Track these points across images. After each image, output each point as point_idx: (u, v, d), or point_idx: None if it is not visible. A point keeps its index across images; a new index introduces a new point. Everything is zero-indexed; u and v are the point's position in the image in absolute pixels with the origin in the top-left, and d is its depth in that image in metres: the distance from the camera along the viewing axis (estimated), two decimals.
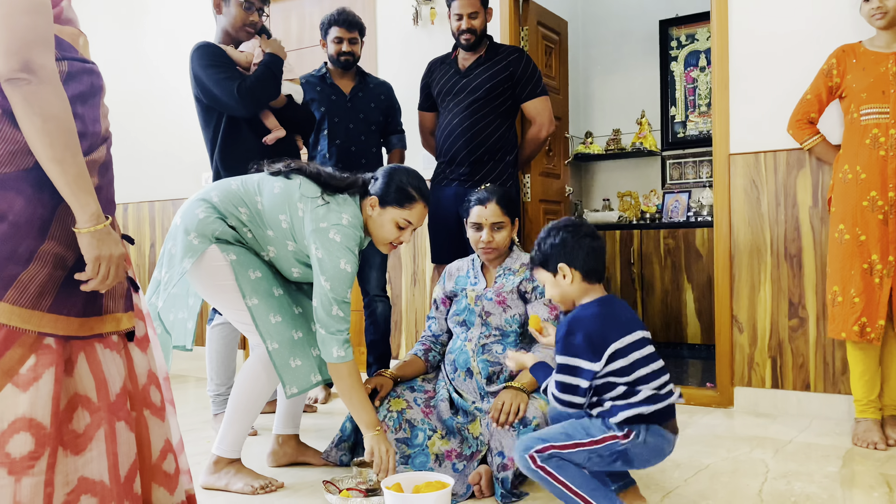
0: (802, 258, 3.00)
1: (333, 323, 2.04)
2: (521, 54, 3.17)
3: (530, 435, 1.79)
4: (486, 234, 2.38)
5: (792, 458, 2.41)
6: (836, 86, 2.67)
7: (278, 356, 2.07)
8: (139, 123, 5.05)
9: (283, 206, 2.11)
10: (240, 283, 2.08)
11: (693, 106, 5.27)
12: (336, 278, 2.03)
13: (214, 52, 2.81)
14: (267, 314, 2.08)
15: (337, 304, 2.04)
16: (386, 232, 2.16)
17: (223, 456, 2.16)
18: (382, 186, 2.14)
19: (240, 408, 2.16)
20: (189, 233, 2.08)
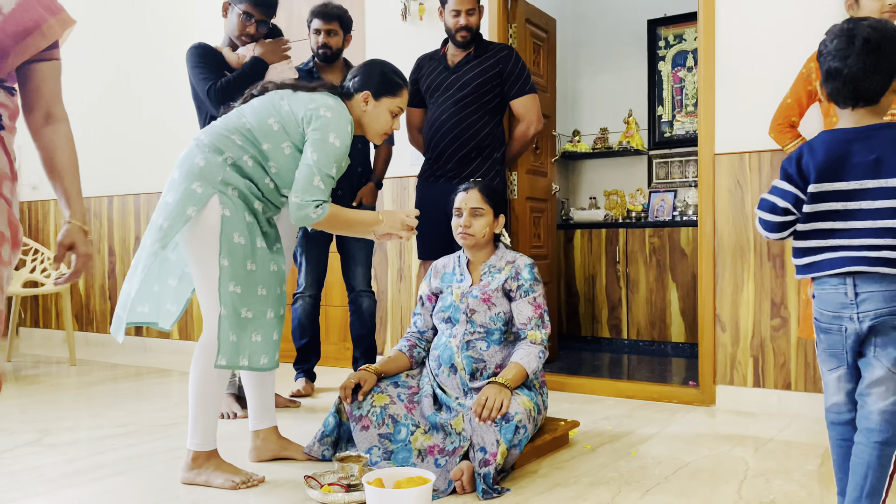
0: (785, 258, 3.02)
1: (311, 192, 2.05)
2: (511, 52, 3.17)
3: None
4: (465, 218, 2.40)
5: (772, 456, 2.43)
6: (815, 90, 2.68)
7: (224, 322, 2.02)
8: (125, 117, 5.02)
9: (267, 111, 2.13)
10: (222, 238, 2.04)
11: (680, 106, 5.30)
12: (323, 150, 2.07)
13: (203, 52, 2.92)
14: (229, 280, 2.04)
15: (320, 174, 2.06)
16: (382, 122, 2.26)
17: (198, 450, 2.13)
18: (371, 80, 2.23)
19: (196, 394, 2.10)
20: (192, 182, 2.05)
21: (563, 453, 2.45)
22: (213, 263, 2.04)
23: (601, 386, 3.47)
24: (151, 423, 2.91)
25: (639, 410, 3.12)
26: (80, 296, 5.29)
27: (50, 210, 5.44)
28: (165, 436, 2.71)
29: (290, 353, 3.90)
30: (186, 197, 2.03)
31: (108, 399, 3.40)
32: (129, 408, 3.20)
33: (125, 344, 5.03)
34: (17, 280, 4.51)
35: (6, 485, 2.16)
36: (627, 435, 2.70)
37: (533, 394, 2.30)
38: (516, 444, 2.10)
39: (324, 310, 4.18)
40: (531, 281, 2.40)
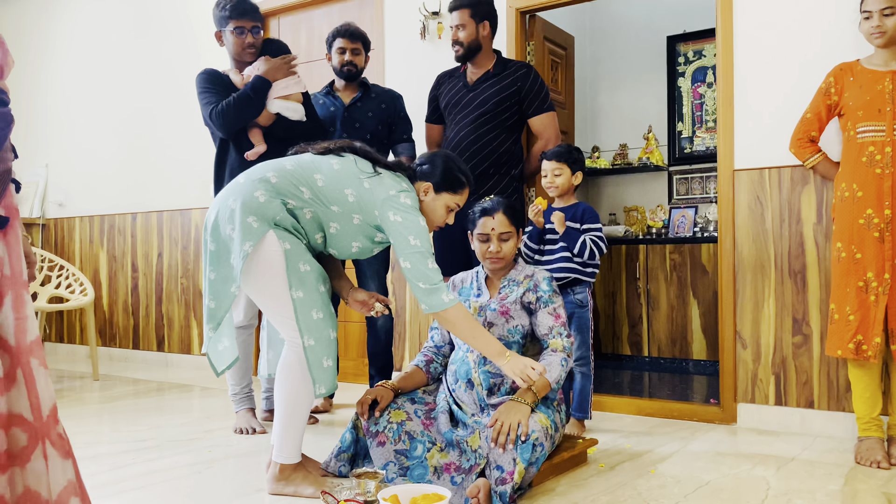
0: (806, 275, 2.99)
1: (433, 275, 2.10)
2: (529, 70, 3.19)
3: None
4: (495, 245, 2.40)
5: (794, 475, 2.39)
6: (835, 104, 2.67)
7: (313, 353, 2.09)
8: (149, 134, 5.10)
9: (347, 180, 2.15)
10: (289, 272, 2.07)
11: (700, 122, 5.28)
12: (421, 235, 2.11)
13: (208, 77, 2.98)
14: (310, 309, 2.09)
15: (430, 257, 2.11)
16: (438, 216, 2.28)
17: (285, 463, 2.17)
18: (434, 172, 2.25)
19: (286, 410, 2.15)
20: (248, 216, 2.06)
21: (582, 471, 2.43)
22: (283, 297, 2.08)
23: (620, 404, 3.44)
24: (172, 438, 2.93)
25: (659, 428, 3.09)
26: (103, 312, 5.36)
27: (75, 227, 5.53)
28: (186, 451, 2.73)
29: None
30: (244, 232, 2.06)
31: (130, 414, 3.44)
32: (150, 423, 3.23)
33: (147, 359, 5.08)
34: (42, 296, 4.58)
35: None
36: (647, 453, 2.67)
37: (550, 411, 2.29)
38: (533, 462, 2.08)
39: (342, 326, 4.20)
40: (550, 292, 2.40)
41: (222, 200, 2.15)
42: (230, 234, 2.09)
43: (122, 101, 5.26)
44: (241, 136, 2.98)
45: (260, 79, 2.92)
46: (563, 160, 2.92)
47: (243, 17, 2.97)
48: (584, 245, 2.85)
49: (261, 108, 2.94)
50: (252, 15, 2.99)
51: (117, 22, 5.32)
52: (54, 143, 5.68)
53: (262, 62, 2.98)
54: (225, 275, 2.11)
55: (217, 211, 2.15)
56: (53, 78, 5.71)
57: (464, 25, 3.14)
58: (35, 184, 5.73)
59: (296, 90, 3.02)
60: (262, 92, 2.92)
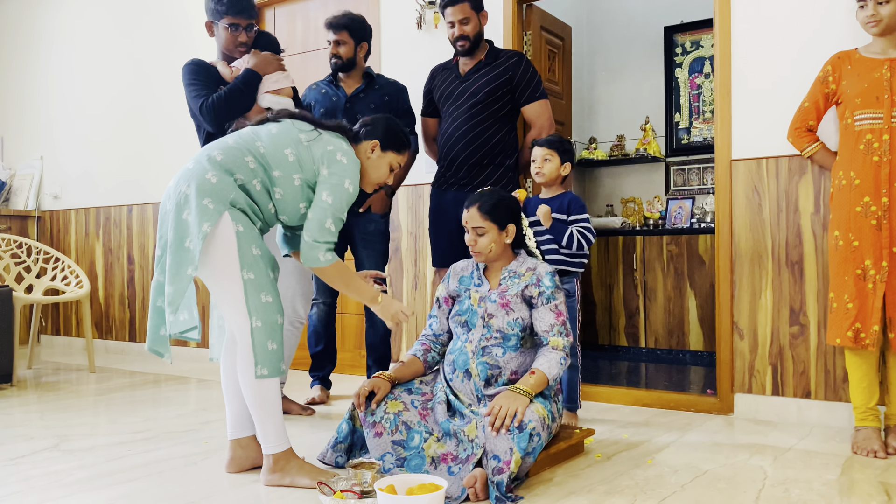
0: (804, 265, 2.98)
1: (323, 234, 2.15)
2: (521, 58, 3.17)
3: None
4: (469, 236, 2.42)
5: (791, 465, 2.39)
6: (833, 92, 2.66)
7: (259, 334, 2.09)
8: (145, 125, 5.08)
9: (285, 140, 2.20)
10: (241, 254, 2.09)
11: (697, 112, 5.27)
12: (338, 195, 2.16)
13: (197, 69, 2.92)
14: (259, 292, 2.10)
15: (332, 218, 2.16)
16: (381, 173, 2.35)
17: (275, 452, 2.16)
18: (381, 132, 2.32)
19: (256, 400, 2.14)
20: (203, 198, 2.07)
21: (579, 461, 2.43)
22: (234, 278, 2.09)
23: (618, 394, 3.44)
24: (168, 429, 2.93)
25: (656, 419, 3.09)
26: (99, 304, 5.34)
27: (71, 219, 5.51)
28: (182, 442, 2.72)
29: (306, 360, 3.91)
30: (200, 213, 2.06)
31: (126, 406, 3.43)
32: (146, 414, 3.22)
33: (143, 352, 5.07)
34: (37, 288, 4.57)
35: (23, 490, 2.18)
36: (644, 443, 2.67)
37: (547, 402, 2.28)
38: (530, 452, 2.08)
39: (339, 317, 4.19)
40: (552, 288, 2.38)
41: (175, 187, 2.14)
42: (186, 217, 2.08)
43: (117, 92, 5.23)
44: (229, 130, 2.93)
45: (251, 72, 2.88)
46: (555, 148, 2.91)
47: (240, 15, 2.92)
48: (572, 237, 2.85)
49: (252, 103, 2.90)
50: (249, 12, 2.94)
51: (112, 14, 5.29)
52: (49, 136, 5.65)
53: (252, 56, 2.93)
54: (180, 259, 2.08)
55: (172, 198, 2.13)
56: (49, 70, 5.68)
57: (468, 19, 3.12)
58: (30, 176, 5.70)
59: (286, 84, 2.98)
60: (254, 85, 2.88)
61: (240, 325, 2.11)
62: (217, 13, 2.94)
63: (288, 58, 4.51)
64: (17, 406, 3.44)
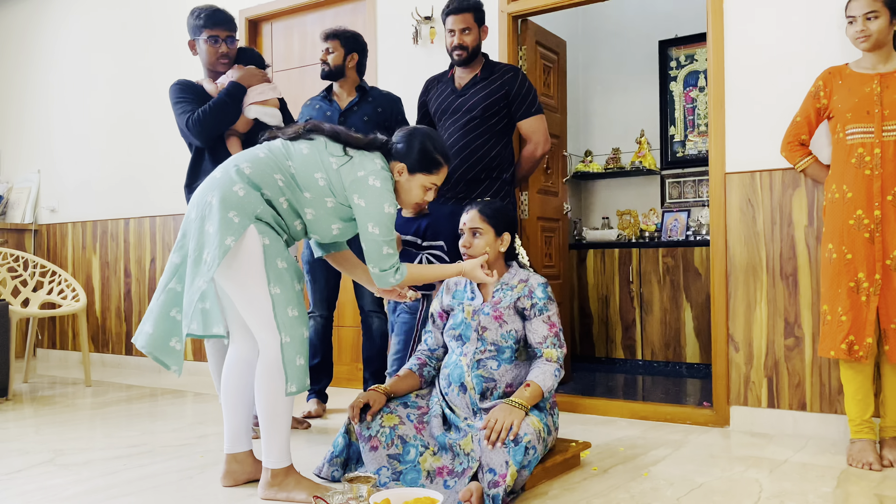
0: (798, 277, 3.00)
1: (387, 261, 2.16)
2: (517, 73, 3.20)
3: None
4: (465, 238, 2.43)
5: (786, 477, 2.40)
6: (824, 107, 2.69)
7: (288, 350, 2.08)
8: (142, 139, 5.10)
9: (316, 164, 2.16)
10: (267, 268, 2.07)
11: (692, 125, 5.30)
12: (382, 222, 2.14)
13: (181, 88, 2.95)
14: (286, 306, 2.09)
15: (387, 244, 2.15)
16: (413, 196, 2.30)
17: (276, 468, 2.16)
18: (407, 153, 2.25)
19: (268, 413, 2.13)
20: (228, 210, 2.05)
21: (575, 474, 2.43)
22: (262, 293, 2.07)
23: (614, 407, 3.44)
24: (164, 443, 2.92)
25: (652, 431, 3.09)
26: (96, 317, 5.34)
27: (68, 232, 5.51)
28: (177, 456, 2.71)
29: None
30: (225, 227, 2.03)
31: (122, 419, 3.42)
32: (142, 428, 3.21)
33: (140, 365, 5.06)
34: (34, 301, 4.56)
35: None
36: (640, 456, 2.67)
37: (543, 414, 2.29)
38: (526, 465, 2.08)
39: (336, 330, 4.19)
40: (545, 300, 2.39)
41: (201, 196, 2.13)
42: (208, 229, 2.06)
43: (114, 106, 5.25)
44: (219, 144, 2.93)
45: (235, 84, 2.91)
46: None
47: (217, 27, 2.94)
48: (421, 262, 2.80)
49: (237, 114, 2.92)
50: (226, 24, 2.96)
51: (108, 28, 5.31)
52: (47, 149, 5.66)
53: (235, 69, 2.96)
54: (195, 271, 2.06)
55: (197, 206, 2.13)
56: (45, 84, 5.70)
57: (469, 29, 3.14)
58: (27, 189, 5.71)
59: (272, 95, 3.00)
60: (238, 97, 2.90)
61: (267, 342, 2.09)
62: (196, 29, 2.97)
63: (285, 72, 4.55)
64: (13, 420, 3.43)
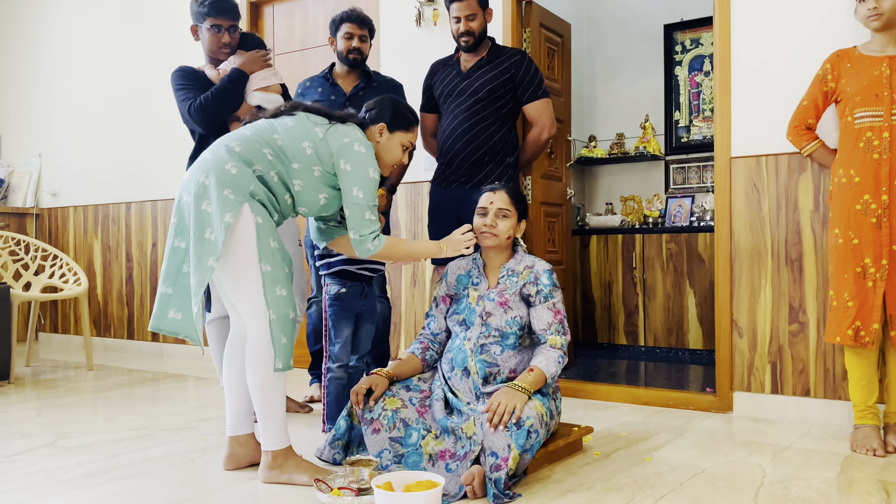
0: (803, 262, 2.98)
1: (368, 226, 2.22)
2: (523, 56, 3.16)
3: None
4: (490, 218, 2.41)
5: (790, 463, 2.39)
6: (832, 90, 2.65)
7: (276, 327, 2.09)
8: (143, 123, 5.07)
9: (302, 134, 2.22)
10: (259, 245, 2.09)
11: (697, 110, 5.26)
12: (367, 186, 2.21)
13: (182, 74, 2.93)
14: (275, 284, 2.11)
15: (369, 209, 2.21)
16: (394, 154, 2.38)
17: (275, 449, 2.16)
18: (387, 114, 2.37)
19: (262, 395, 2.14)
20: (223, 188, 2.08)
21: (577, 459, 2.43)
22: (253, 269, 2.09)
23: (617, 392, 3.44)
24: (166, 426, 2.92)
25: (655, 417, 3.08)
26: (98, 301, 5.33)
27: (69, 216, 5.50)
28: (179, 439, 2.71)
29: (305, 359, 3.91)
30: (222, 204, 2.06)
31: (124, 403, 3.42)
32: (144, 412, 3.21)
33: (142, 349, 5.06)
34: (36, 285, 4.56)
35: (20, 486, 2.17)
36: (642, 441, 2.66)
37: (546, 399, 2.28)
38: (528, 449, 2.07)
39: None
40: (550, 286, 2.38)
41: (192, 177, 2.14)
42: (206, 208, 2.08)
43: (116, 90, 5.22)
44: (221, 130, 2.89)
45: (237, 71, 2.88)
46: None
47: (221, 15, 2.91)
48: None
49: (240, 101, 2.90)
50: (230, 13, 2.93)
51: (111, 11, 5.28)
52: (48, 133, 5.64)
53: (237, 56, 2.93)
54: (201, 250, 2.07)
55: (190, 189, 2.12)
56: (47, 67, 5.66)
57: (474, 15, 3.10)
58: (29, 174, 5.69)
59: (274, 82, 2.98)
60: (240, 84, 2.88)
61: (255, 319, 2.10)
62: (200, 16, 2.94)
63: (286, 55, 4.51)
64: (15, 403, 3.43)
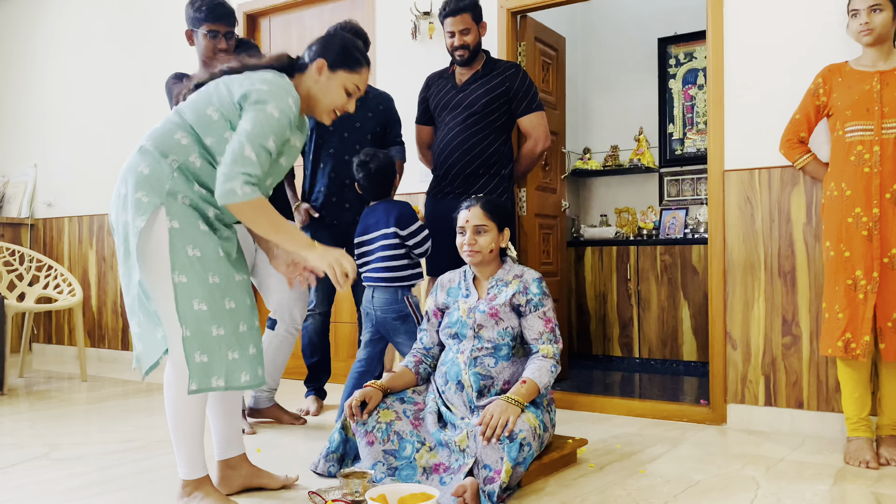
0: (796, 275, 2.99)
1: (241, 163, 1.82)
2: (518, 70, 3.19)
3: None
4: (469, 236, 2.40)
5: (783, 475, 2.39)
6: (823, 105, 2.68)
7: (189, 345, 1.84)
8: (138, 133, 5.07)
9: (204, 100, 1.95)
10: (172, 253, 1.84)
11: (691, 123, 5.29)
12: (258, 120, 1.86)
13: (177, 81, 2.91)
14: (191, 298, 1.85)
15: (252, 144, 1.83)
16: (334, 96, 2.04)
17: (187, 479, 1.98)
18: (327, 49, 2.03)
19: (177, 423, 1.95)
20: (137, 191, 1.87)
21: (571, 471, 2.43)
22: (166, 280, 1.85)
23: (611, 404, 3.44)
24: (159, 438, 2.91)
25: (649, 429, 3.08)
26: (92, 312, 5.32)
27: (64, 227, 5.49)
28: (172, 451, 2.70)
29: (301, 371, 3.90)
30: (136, 209, 1.86)
31: (118, 414, 3.41)
32: (137, 423, 3.20)
33: None
34: (30, 296, 4.55)
35: (12, 499, 2.16)
36: (636, 453, 2.67)
37: (539, 411, 2.28)
38: (521, 461, 2.08)
39: (333, 326, 4.18)
40: (540, 295, 2.39)
41: (116, 190, 1.96)
42: (126, 218, 1.89)
43: (111, 100, 5.23)
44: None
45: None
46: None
47: (219, 22, 2.88)
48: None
49: None
50: (227, 20, 2.91)
51: (107, 21, 5.29)
52: (43, 143, 5.64)
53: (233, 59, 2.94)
54: (127, 266, 1.91)
55: (114, 204, 1.95)
56: (43, 77, 5.67)
57: (469, 29, 3.12)
58: (24, 184, 5.69)
59: None
60: None
61: (171, 335, 1.87)
62: (196, 21, 2.91)
63: None
64: (8, 414, 3.42)
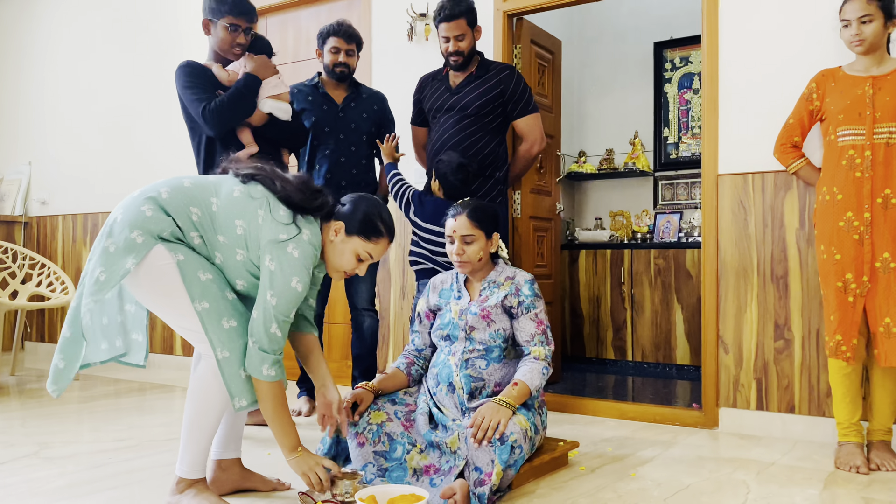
0: (789, 280, 3.00)
1: (269, 341, 1.89)
2: (512, 72, 3.19)
3: None
4: (457, 246, 2.40)
5: (774, 479, 2.40)
6: (817, 109, 2.69)
7: (228, 365, 1.89)
8: (134, 132, 5.07)
9: (241, 210, 1.94)
10: (187, 284, 1.86)
11: (686, 128, 5.30)
12: (284, 296, 1.90)
13: (193, 71, 2.86)
14: (219, 319, 1.89)
15: (278, 322, 1.90)
16: (344, 261, 2.04)
17: (184, 477, 2.00)
18: (350, 213, 2.03)
19: (194, 424, 1.97)
20: (133, 230, 1.85)
21: (562, 474, 2.43)
22: (186, 311, 1.89)
23: (603, 407, 3.44)
24: (150, 438, 2.90)
25: (640, 432, 3.09)
26: None
27: (58, 225, 5.48)
28: (163, 451, 2.70)
29: (294, 371, 3.90)
30: (126, 247, 1.84)
31: (110, 414, 3.40)
32: (129, 422, 3.20)
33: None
34: (23, 294, 4.53)
35: (2, 496, 2.16)
36: (628, 457, 2.67)
37: (531, 413, 2.28)
38: (511, 464, 2.08)
39: (326, 327, 4.18)
40: (532, 297, 2.39)
41: (114, 211, 1.95)
42: (108, 247, 1.86)
43: (107, 98, 5.22)
44: (230, 136, 2.89)
45: (251, 76, 2.86)
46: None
47: (242, 16, 2.87)
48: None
49: (254, 107, 2.87)
50: (249, 15, 2.90)
51: (102, 19, 5.28)
52: (38, 141, 5.63)
53: (248, 59, 2.91)
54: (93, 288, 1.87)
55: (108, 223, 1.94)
56: (37, 75, 5.66)
57: (463, 35, 3.12)
58: (18, 181, 5.67)
59: (283, 90, 2.98)
60: (255, 89, 2.86)
61: (208, 356, 1.94)
62: (217, 12, 2.87)
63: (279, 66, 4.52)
64: None
